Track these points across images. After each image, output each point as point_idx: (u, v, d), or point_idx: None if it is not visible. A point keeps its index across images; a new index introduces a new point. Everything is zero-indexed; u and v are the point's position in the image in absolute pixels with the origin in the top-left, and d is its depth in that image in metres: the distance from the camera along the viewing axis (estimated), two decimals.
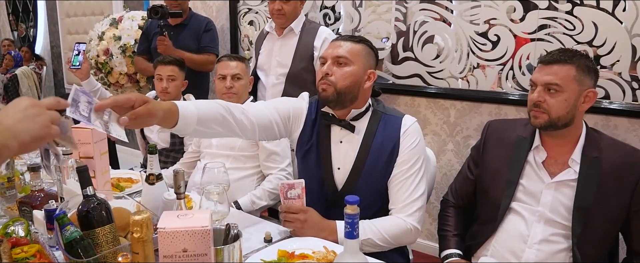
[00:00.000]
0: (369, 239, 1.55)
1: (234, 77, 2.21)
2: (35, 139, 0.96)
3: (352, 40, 1.64)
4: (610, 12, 2.23)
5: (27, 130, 0.94)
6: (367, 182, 1.64)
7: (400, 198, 1.61)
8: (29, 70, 5.76)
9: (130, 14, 3.82)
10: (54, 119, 1.00)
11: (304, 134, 1.73)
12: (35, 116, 0.97)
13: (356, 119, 1.67)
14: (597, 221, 1.48)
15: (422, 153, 1.66)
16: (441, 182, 2.83)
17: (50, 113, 1.00)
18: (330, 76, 1.60)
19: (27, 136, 0.94)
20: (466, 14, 2.63)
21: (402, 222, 1.59)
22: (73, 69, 2.60)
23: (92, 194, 1.29)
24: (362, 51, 1.64)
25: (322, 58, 1.67)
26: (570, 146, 1.53)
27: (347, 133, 1.67)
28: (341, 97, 1.61)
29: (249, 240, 1.51)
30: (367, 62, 1.64)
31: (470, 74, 2.69)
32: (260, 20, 3.56)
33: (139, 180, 2.09)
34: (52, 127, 0.99)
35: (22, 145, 0.94)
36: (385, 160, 1.62)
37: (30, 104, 0.98)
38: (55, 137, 1.02)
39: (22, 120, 0.95)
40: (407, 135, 1.63)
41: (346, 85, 1.60)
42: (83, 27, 5.23)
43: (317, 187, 1.70)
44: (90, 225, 1.25)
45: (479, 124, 2.66)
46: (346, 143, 1.67)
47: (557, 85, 1.46)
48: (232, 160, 2.19)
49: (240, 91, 2.24)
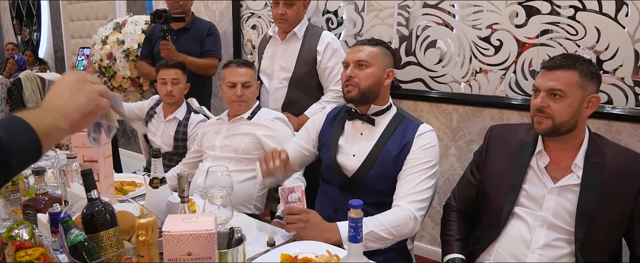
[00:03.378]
0: (371, 232, 1.60)
1: (244, 84, 2.18)
2: (85, 115, 0.93)
3: (370, 44, 1.80)
4: (612, 17, 2.23)
5: (76, 108, 0.91)
6: (378, 170, 1.74)
7: (404, 189, 1.69)
8: (33, 74, 5.78)
9: (133, 18, 3.84)
10: (103, 92, 0.97)
11: (324, 132, 1.93)
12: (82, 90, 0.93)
13: (377, 115, 1.81)
14: (600, 226, 1.47)
15: (435, 157, 1.74)
16: (444, 187, 2.83)
17: (97, 86, 0.97)
18: (354, 78, 1.75)
19: (76, 113, 0.91)
20: (468, 18, 2.64)
21: (401, 211, 1.65)
22: None
23: (97, 197, 1.29)
24: (380, 53, 1.79)
25: (345, 63, 1.82)
26: (573, 151, 1.53)
27: (368, 127, 1.81)
28: (365, 96, 1.76)
29: (252, 244, 1.52)
30: (385, 62, 1.80)
31: (472, 79, 2.69)
32: (263, 25, 3.57)
33: (142, 183, 2.10)
34: (101, 100, 0.96)
35: (73, 124, 0.91)
36: (396, 155, 1.73)
37: (75, 79, 0.95)
38: (105, 110, 0.98)
39: (70, 97, 0.92)
40: (420, 138, 1.73)
41: (369, 85, 1.75)
42: (86, 31, 5.26)
43: (332, 172, 1.83)
44: (95, 229, 1.26)
45: (482, 128, 2.66)
46: (366, 135, 1.81)
47: (560, 90, 1.47)
48: (235, 163, 2.19)
49: (250, 98, 2.22)
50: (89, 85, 0.95)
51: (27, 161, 0.87)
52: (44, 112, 0.89)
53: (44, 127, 0.86)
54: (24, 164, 0.87)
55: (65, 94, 0.92)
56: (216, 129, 2.31)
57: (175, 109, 2.71)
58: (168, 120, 2.71)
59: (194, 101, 2.96)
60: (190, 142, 2.66)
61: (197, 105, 2.94)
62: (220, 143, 2.25)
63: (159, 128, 2.75)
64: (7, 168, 0.81)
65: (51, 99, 0.92)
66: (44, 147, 0.86)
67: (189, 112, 2.71)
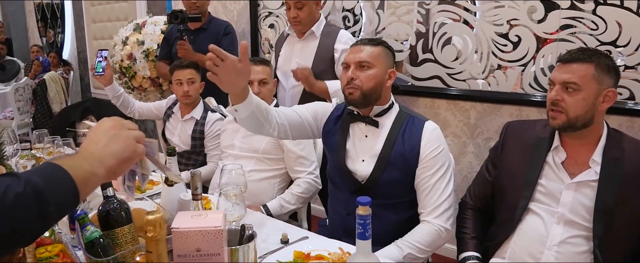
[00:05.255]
0: (409, 254, 1.62)
1: (260, 82, 2.19)
2: (122, 161, 0.92)
3: (371, 44, 1.73)
4: (634, 11, 2.18)
5: (112, 154, 0.90)
6: (390, 174, 1.70)
7: (428, 202, 1.67)
8: (57, 75, 5.89)
9: (153, 19, 3.89)
10: (139, 138, 0.96)
11: (329, 123, 1.85)
12: (118, 136, 0.92)
13: (380, 116, 1.75)
14: (619, 223, 1.44)
15: (447, 158, 1.71)
16: (461, 184, 2.80)
17: (134, 132, 0.96)
18: (355, 80, 1.69)
19: (112, 160, 0.90)
20: (488, 14, 2.60)
21: (431, 228, 1.64)
22: (97, 75, 2.67)
23: (113, 195, 1.32)
24: (381, 53, 1.72)
25: (345, 64, 1.75)
26: (590, 146, 1.50)
27: (372, 128, 1.75)
28: (367, 98, 1.70)
29: (265, 241, 1.53)
30: (386, 63, 1.73)
31: (491, 76, 2.66)
32: (281, 24, 3.59)
33: (159, 182, 2.13)
34: (137, 146, 0.94)
35: (110, 171, 0.90)
36: (407, 157, 1.69)
37: (111, 126, 0.94)
38: (142, 156, 0.97)
39: (106, 143, 0.91)
40: (428, 140, 1.69)
41: (371, 86, 1.69)
42: (108, 32, 5.34)
43: (343, 177, 1.78)
44: (110, 225, 1.28)
45: (500, 125, 2.62)
46: (371, 137, 1.75)
47: (575, 83, 1.44)
48: (256, 162, 2.21)
49: (266, 96, 2.22)
50: (126, 131, 0.94)
51: (65, 209, 0.86)
52: (80, 158, 0.88)
53: (81, 174, 0.85)
54: (62, 212, 0.85)
55: (101, 140, 0.91)
56: (234, 128, 2.31)
57: (192, 108, 2.74)
58: (185, 120, 2.74)
59: (212, 100, 2.99)
60: (207, 140, 2.68)
61: (215, 104, 2.96)
62: (239, 143, 2.27)
63: (177, 127, 2.78)
64: (45, 218, 0.79)
65: (88, 146, 0.91)
66: (81, 194, 0.84)
67: (206, 111, 2.74)
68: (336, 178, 1.84)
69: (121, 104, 2.90)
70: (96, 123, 0.99)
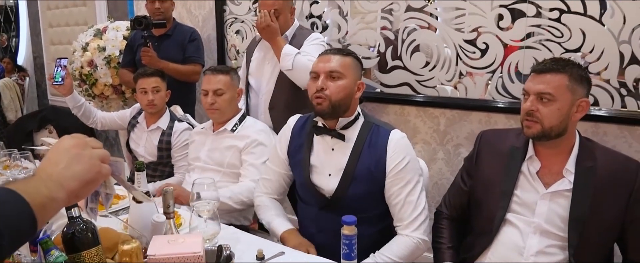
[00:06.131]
0: None
1: (215, 92, 2.14)
2: (85, 183, 0.84)
3: (341, 54, 1.70)
4: (597, 19, 2.24)
5: (73, 176, 0.82)
6: (356, 188, 1.67)
7: (403, 216, 1.65)
8: (11, 81, 5.65)
9: (114, 24, 3.76)
10: (104, 157, 0.88)
11: (293, 141, 1.82)
12: (81, 156, 0.84)
13: (346, 128, 1.72)
14: (593, 232, 1.46)
15: (415, 169, 1.69)
16: (432, 192, 2.81)
17: (98, 151, 0.88)
18: (325, 90, 1.65)
19: (74, 182, 0.82)
20: (452, 22, 2.62)
21: (408, 240, 1.63)
22: (56, 85, 2.55)
23: (78, 215, 1.24)
24: (351, 63, 1.70)
25: (314, 73, 1.71)
26: (564, 156, 1.52)
27: (338, 142, 1.71)
28: (336, 109, 1.66)
29: (240, 258, 1.48)
30: (356, 74, 1.71)
31: (459, 82, 2.68)
32: (247, 30, 3.53)
33: (125, 196, 2.04)
34: (102, 166, 0.87)
35: (71, 194, 0.82)
36: (373, 170, 1.66)
37: (73, 144, 0.86)
38: (106, 177, 0.90)
39: (67, 164, 0.83)
40: (394, 151, 1.66)
41: (341, 97, 1.66)
42: (67, 37, 5.15)
43: (309, 193, 1.76)
44: (76, 248, 1.21)
45: (469, 132, 2.65)
46: (338, 150, 1.72)
47: (549, 94, 1.45)
48: (222, 175, 2.16)
49: (223, 106, 2.16)
50: (89, 150, 0.87)
51: (21, 239, 0.77)
52: (38, 181, 0.80)
53: (39, 199, 0.76)
54: (16, 243, 0.76)
55: (62, 160, 0.83)
56: (201, 140, 2.29)
57: (158, 117, 2.65)
58: (151, 130, 2.65)
59: (178, 109, 2.91)
60: (174, 151, 2.60)
61: (181, 112, 2.89)
62: (205, 156, 2.22)
63: (142, 138, 2.69)
64: None
65: (46, 167, 0.83)
66: (39, 222, 0.76)
67: (172, 120, 2.66)
68: (304, 194, 1.81)
69: (82, 114, 2.78)
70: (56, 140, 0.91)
